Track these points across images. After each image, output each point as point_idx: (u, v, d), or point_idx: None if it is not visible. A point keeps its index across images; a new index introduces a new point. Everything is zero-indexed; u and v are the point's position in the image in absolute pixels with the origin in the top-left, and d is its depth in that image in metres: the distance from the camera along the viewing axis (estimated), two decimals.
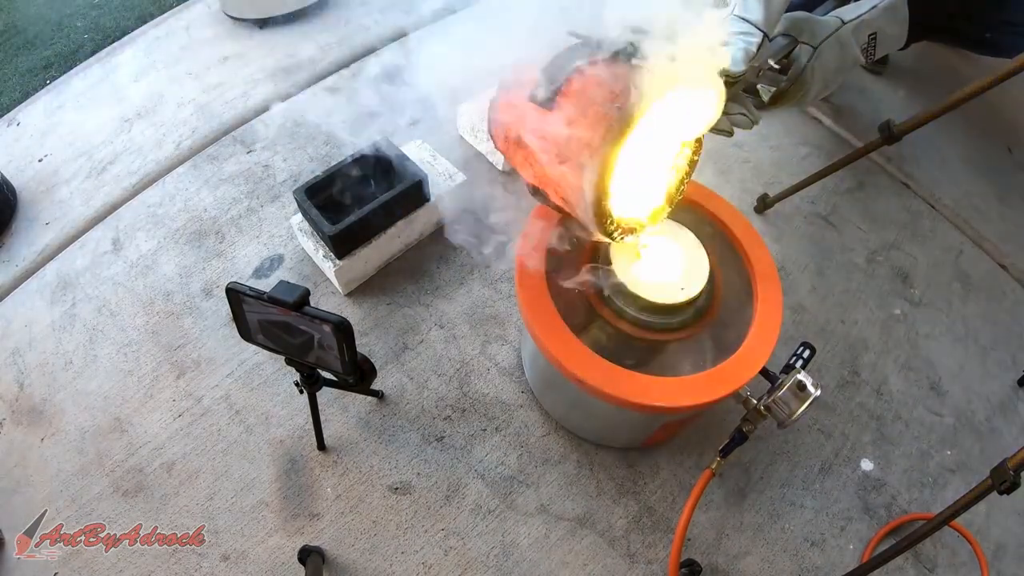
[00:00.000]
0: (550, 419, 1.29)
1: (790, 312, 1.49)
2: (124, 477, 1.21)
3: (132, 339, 1.39)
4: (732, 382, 0.93)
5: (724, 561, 1.17)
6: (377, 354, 1.35)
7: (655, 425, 1.13)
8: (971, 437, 1.38)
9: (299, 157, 1.71)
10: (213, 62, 1.99)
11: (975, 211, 1.78)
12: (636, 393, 0.90)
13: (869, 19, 1.20)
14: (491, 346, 1.38)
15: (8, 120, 1.95)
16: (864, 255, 1.64)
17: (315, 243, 1.40)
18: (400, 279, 1.47)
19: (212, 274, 1.48)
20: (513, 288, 1.41)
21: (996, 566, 1.22)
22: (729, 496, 1.24)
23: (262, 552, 1.13)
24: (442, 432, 1.27)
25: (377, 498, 1.19)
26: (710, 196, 1.15)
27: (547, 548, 1.16)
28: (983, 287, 1.64)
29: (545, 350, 0.95)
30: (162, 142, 1.76)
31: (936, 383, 1.45)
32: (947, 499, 1.28)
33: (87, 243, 1.56)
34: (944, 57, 2.09)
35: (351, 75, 1.92)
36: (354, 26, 2.08)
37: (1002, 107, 2.00)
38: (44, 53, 2.57)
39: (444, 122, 1.77)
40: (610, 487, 1.23)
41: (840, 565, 1.19)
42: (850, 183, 1.78)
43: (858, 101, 1.98)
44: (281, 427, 1.26)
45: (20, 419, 1.29)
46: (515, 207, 1.06)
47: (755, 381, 0.94)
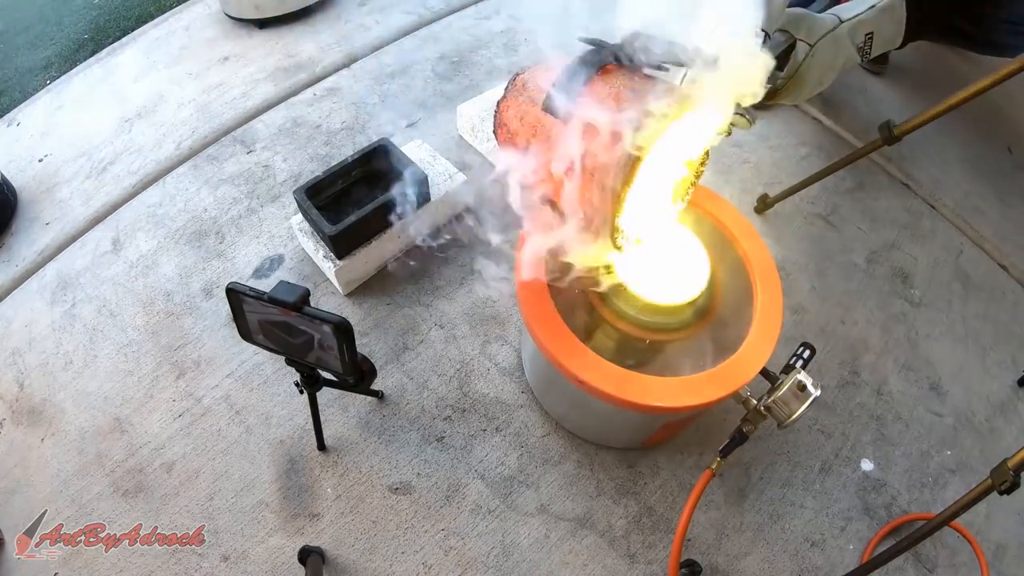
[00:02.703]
0: (550, 419, 1.29)
1: (790, 312, 1.49)
2: (124, 477, 1.21)
3: (132, 339, 1.39)
4: (732, 382, 0.93)
5: (724, 561, 1.17)
6: (377, 354, 1.35)
7: (655, 425, 1.13)
8: (971, 437, 1.38)
9: (299, 157, 1.71)
10: (213, 62, 1.99)
11: (975, 211, 1.78)
12: (636, 393, 0.90)
13: (866, 18, 1.20)
14: (491, 346, 1.38)
15: (8, 120, 1.95)
16: (864, 255, 1.64)
17: (315, 243, 1.40)
18: (400, 279, 1.47)
19: (212, 274, 1.48)
20: (513, 288, 1.41)
21: (996, 566, 1.22)
22: (729, 496, 1.24)
23: (262, 552, 1.13)
24: (442, 432, 1.27)
25: (377, 498, 1.19)
26: (710, 196, 1.15)
27: (547, 548, 1.16)
28: (983, 287, 1.64)
29: (545, 350, 0.95)
30: (162, 142, 1.76)
31: (936, 383, 1.45)
32: (947, 499, 1.28)
33: (87, 243, 1.57)
34: (944, 57, 2.09)
35: (351, 75, 1.92)
36: (354, 26, 2.08)
37: (1002, 107, 2.00)
38: (44, 53, 2.57)
39: (444, 122, 1.78)
40: (610, 487, 1.23)
41: (840, 565, 1.19)
42: (850, 183, 1.78)
43: (858, 101, 1.98)
44: (281, 427, 1.26)
45: (20, 419, 1.29)
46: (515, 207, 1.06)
47: (755, 381, 0.94)
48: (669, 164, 0.91)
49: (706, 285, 0.99)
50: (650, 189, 0.87)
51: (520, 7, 2.16)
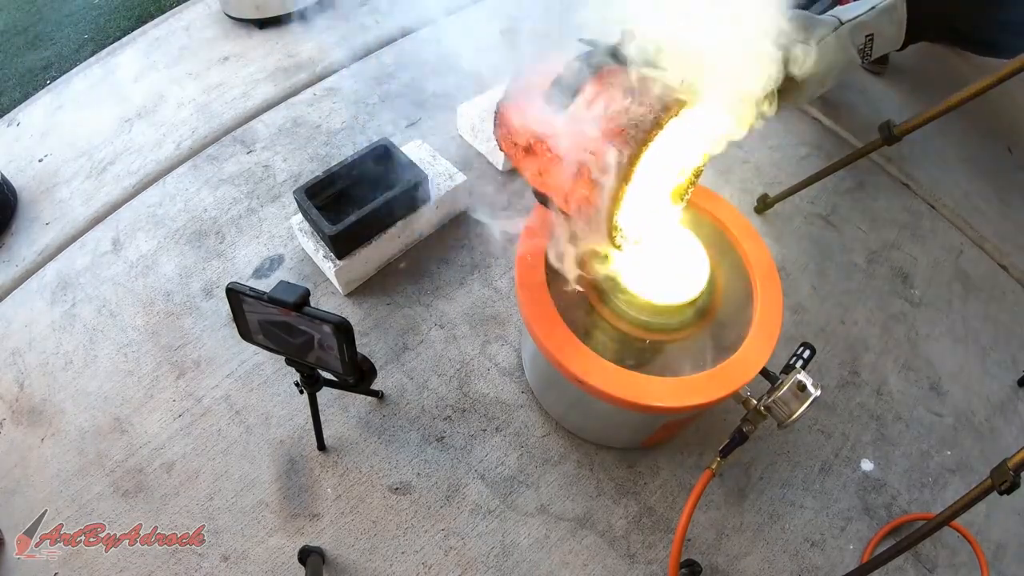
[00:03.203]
0: (550, 419, 1.29)
1: (790, 312, 1.49)
2: (124, 477, 1.21)
3: (132, 339, 1.39)
4: (732, 382, 0.93)
5: (724, 561, 1.17)
6: (377, 354, 1.35)
7: (655, 425, 1.13)
8: (971, 437, 1.38)
9: (299, 157, 1.71)
10: (213, 62, 1.99)
11: (975, 211, 1.78)
12: (636, 393, 0.90)
13: (867, 20, 1.20)
14: (491, 346, 1.38)
15: (8, 120, 1.95)
16: (864, 255, 1.64)
17: (315, 243, 1.40)
18: (400, 279, 1.47)
19: (212, 274, 1.48)
20: (513, 288, 1.41)
21: (996, 566, 1.22)
22: (729, 496, 1.24)
23: (262, 552, 1.13)
24: (442, 432, 1.27)
25: (377, 498, 1.19)
26: (710, 196, 1.15)
27: (547, 548, 1.16)
28: (983, 287, 1.64)
29: (545, 350, 0.95)
30: (162, 142, 1.76)
31: (936, 383, 1.45)
32: (947, 499, 1.28)
33: (87, 243, 1.56)
34: (944, 57, 2.09)
35: (351, 75, 1.92)
36: (354, 26, 2.08)
37: (1002, 107, 2.00)
38: (44, 53, 2.56)
39: (444, 122, 1.77)
40: (610, 487, 1.23)
41: (840, 565, 1.19)
42: (850, 183, 1.78)
43: (858, 101, 1.98)
44: (281, 427, 1.26)
45: (20, 419, 1.29)
46: (515, 206, 1.06)
47: (755, 381, 0.94)
48: (669, 164, 0.91)
49: (706, 285, 0.99)
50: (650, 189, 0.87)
51: (520, 7, 2.16)
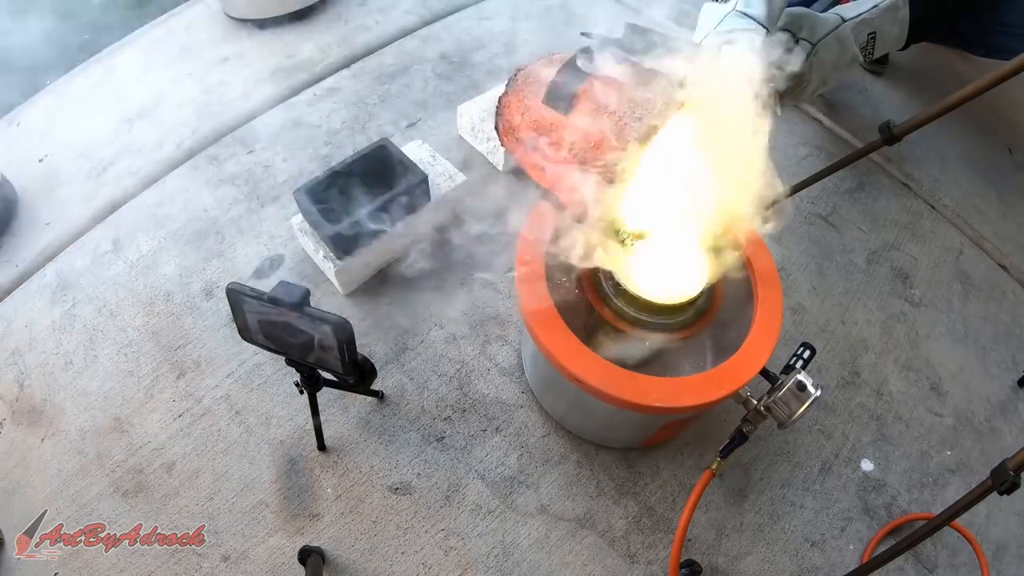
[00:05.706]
0: (550, 419, 1.29)
1: (790, 312, 1.49)
2: (124, 477, 1.21)
3: (132, 339, 1.38)
4: (732, 382, 0.93)
5: (724, 561, 1.17)
6: (377, 354, 1.35)
7: (655, 425, 1.13)
8: (971, 437, 1.38)
9: (299, 157, 1.70)
10: (213, 62, 1.99)
11: (975, 211, 1.78)
12: (636, 394, 0.90)
13: (869, 18, 1.20)
14: (491, 346, 1.38)
15: (8, 120, 1.95)
16: (864, 255, 1.64)
17: (315, 243, 1.40)
18: (400, 279, 1.47)
19: (212, 274, 1.48)
20: (513, 288, 1.41)
21: (996, 566, 1.22)
22: (729, 496, 1.24)
23: (262, 552, 1.13)
24: (442, 432, 1.27)
25: (377, 498, 1.19)
26: None
27: (547, 548, 1.16)
28: (983, 287, 1.64)
29: (545, 350, 0.95)
30: (162, 142, 1.76)
31: (936, 383, 1.45)
32: (947, 499, 1.28)
33: (87, 243, 1.56)
34: (944, 57, 2.09)
35: (351, 75, 1.92)
36: (354, 26, 2.08)
37: (1002, 107, 2.00)
38: (44, 53, 2.57)
39: (444, 122, 1.77)
40: (610, 487, 1.23)
41: (840, 565, 1.19)
42: (850, 183, 1.78)
43: (858, 101, 1.98)
44: (281, 427, 1.26)
45: (20, 419, 1.29)
46: (515, 206, 1.06)
47: (755, 381, 0.94)
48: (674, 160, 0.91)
49: (706, 285, 0.99)
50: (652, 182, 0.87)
51: (520, 7, 2.16)
